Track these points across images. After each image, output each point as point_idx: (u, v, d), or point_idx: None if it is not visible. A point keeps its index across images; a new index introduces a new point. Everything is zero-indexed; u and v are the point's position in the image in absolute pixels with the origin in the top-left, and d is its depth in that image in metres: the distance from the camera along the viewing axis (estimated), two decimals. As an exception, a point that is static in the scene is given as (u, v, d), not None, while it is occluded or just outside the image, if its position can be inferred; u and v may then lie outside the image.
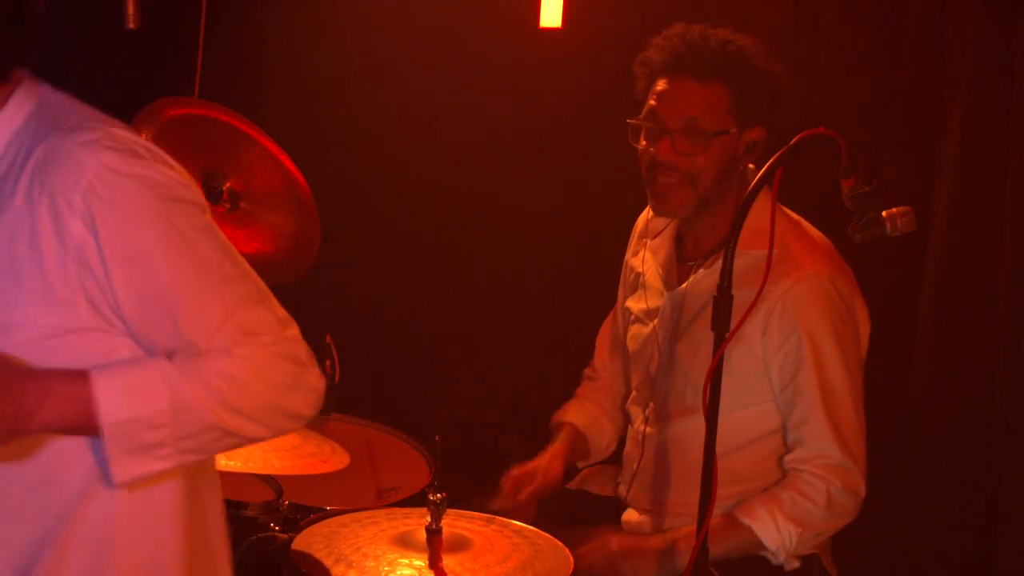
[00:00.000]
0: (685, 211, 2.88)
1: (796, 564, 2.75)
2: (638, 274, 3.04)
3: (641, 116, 2.83)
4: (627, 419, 3.09)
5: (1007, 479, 3.04)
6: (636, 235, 3.11)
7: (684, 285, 2.88)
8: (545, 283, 4.10)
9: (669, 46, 2.82)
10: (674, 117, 2.78)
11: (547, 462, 3.02)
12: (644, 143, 2.82)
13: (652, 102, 2.82)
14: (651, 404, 2.95)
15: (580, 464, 3.14)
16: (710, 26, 2.84)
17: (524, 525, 2.55)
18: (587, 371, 3.25)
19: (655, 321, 2.94)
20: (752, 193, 2.34)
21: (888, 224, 2.38)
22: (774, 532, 2.69)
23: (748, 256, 2.58)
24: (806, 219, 2.92)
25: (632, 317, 3.04)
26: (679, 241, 2.96)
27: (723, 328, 2.31)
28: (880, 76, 3.29)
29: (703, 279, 2.83)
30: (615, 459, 3.14)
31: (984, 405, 3.09)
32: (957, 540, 3.19)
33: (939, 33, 3.15)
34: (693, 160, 2.78)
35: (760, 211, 2.49)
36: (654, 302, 2.96)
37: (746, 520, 2.70)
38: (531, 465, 3.01)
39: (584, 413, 3.15)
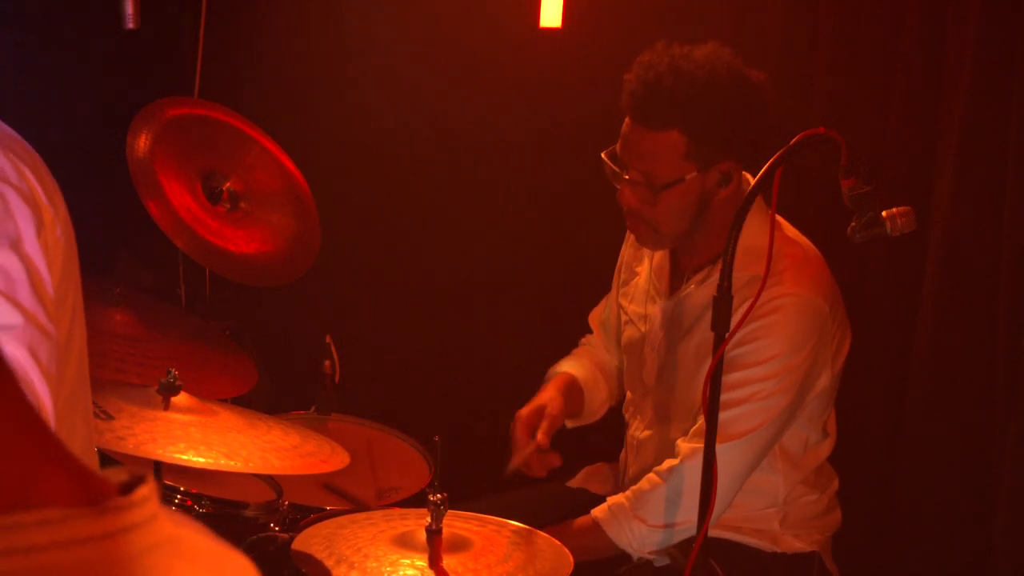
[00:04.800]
0: (658, 248, 2.88)
1: None
2: (634, 272, 3.04)
3: (611, 152, 2.76)
4: (623, 424, 3.09)
5: (1007, 479, 3.04)
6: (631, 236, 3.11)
7: (674, 298, 2.87)
8: (545, 282, 4.10)
9: (631, 82, 2.69)
10: (631, 166, 2.72)
11: (549, 395, 2.97)
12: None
13: (619, 143, 2.75)
14: (642, 411, 2.96)
15: (569, 424, 3.07)
16: (683, 50, 2.68)
17: (522, 525, 2.55)
18: (583, 340, 3.25)
19: (646, 327, 2.94)
20: (752, 193, 2.33)
21: (888, 224, 2.38)
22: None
23: (738, 279, 2.49)
24: (805, 219, 2.91)
25: (625, 318, 3.04)
26: (673, 251, 2.94)
27: (723, 328, 2.31)
28: (880, 76, 3.29)
29: (694, 293, 2.83)
30: (612, 457, 3.14)
31: (984, 405, 3.09)
32: (957, 539, 3.19)
33: (939, 33, 3.15)
34: (651, 209, 2.73)
35: (754, 228, 2.48)
36: (647, 308, 2.95)
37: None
38: (534, 403, 2.94)
39: (581, 367, 3.12)
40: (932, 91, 3.17)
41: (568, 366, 3.12)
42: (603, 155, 2.76)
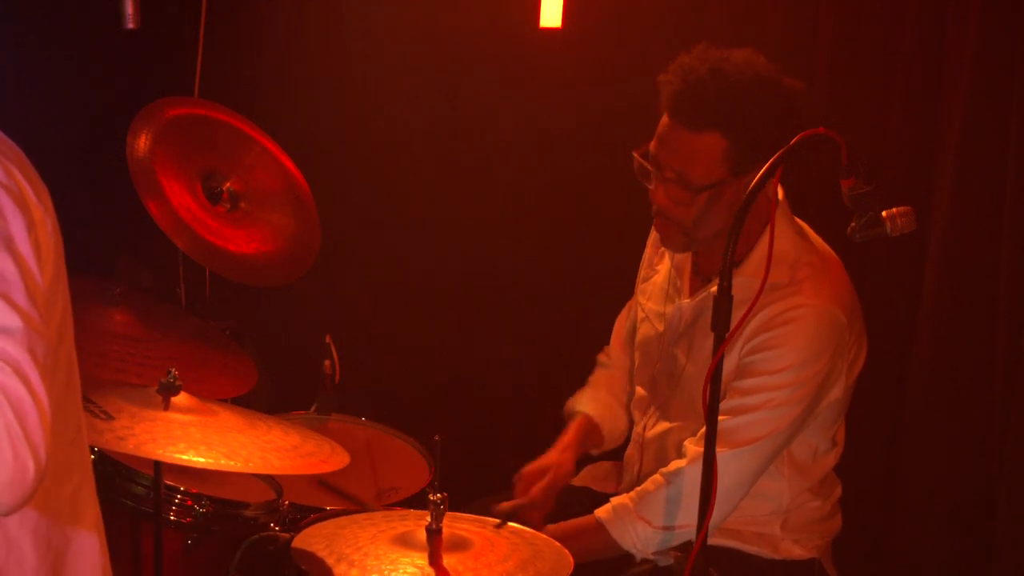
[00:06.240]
0: (682, 251, 2.87)
1: None
2: (653, 270, 3.04)
3: (643, 151, 2.75)
4: (631, 420, 3.09)
5: (1007, 479, 3.04)
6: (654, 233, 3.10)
7: (695, 298, 2.86)
8: (545, 283, 4.10)
9: (673, 82, 2.68)
10: (666, 165, 2.71)
11: (558, 455, 3.00)
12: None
13: (654, 141, 2.73)
14: (653, 408, 2.95)
15: (594, 452, 3.13)
16: (722, 54, 2.68)
17: (523, 527, 2.55)
18: (601, 356, 3.24)
19: (662, 326, 2.93)
20: (752, 192, 2.33)
21: (888, 224, 2.38)
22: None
23: (753, 287, 2.48)
24: (805, 219, 2.90)
25: (642, 315, 3.03)
26: (695, 252, 2.93)
27: (723, 328, 2.30)
28: (880, 76, 3.30)
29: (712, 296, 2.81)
30: (618, 456, 3.14)
31: (984, 405, 3.09)
32: (957, 540, 3.19)
33: (939, 33, 3.15)
34: (684, 210, 2.72)
35: (778, 233, 2.47)
36: (664, 307, 2.95)
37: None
38: (542, 461, 2.98)
39: (597, 402, 3.13)
40: (932, 91, 3.17)
41: (585, 404, 3.13)
42: (635, 153, 2.75)
